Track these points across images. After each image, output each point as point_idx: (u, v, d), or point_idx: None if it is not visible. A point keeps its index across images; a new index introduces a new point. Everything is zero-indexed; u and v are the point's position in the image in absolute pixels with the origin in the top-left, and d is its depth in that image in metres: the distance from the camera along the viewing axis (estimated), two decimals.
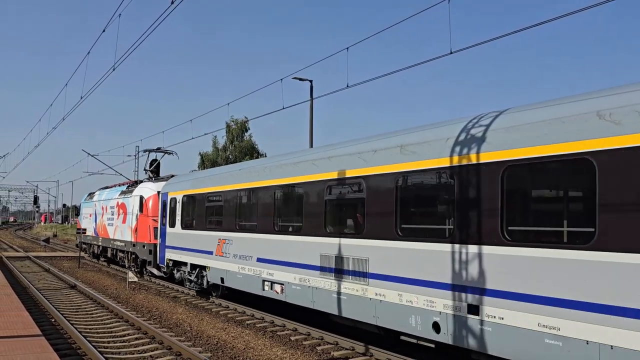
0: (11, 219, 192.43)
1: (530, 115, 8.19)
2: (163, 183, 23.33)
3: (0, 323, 11.83)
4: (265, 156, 47.31)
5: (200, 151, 54.75)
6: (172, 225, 20.19)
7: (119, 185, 31.45)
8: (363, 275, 10.65)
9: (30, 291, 19.70)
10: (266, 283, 13.99)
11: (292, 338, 12.91)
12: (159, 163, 30.63)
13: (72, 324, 13.67)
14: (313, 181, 12.31)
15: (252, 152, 52.34)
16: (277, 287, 13.48)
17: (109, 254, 30.76)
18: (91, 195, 36.43)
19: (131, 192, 26.81)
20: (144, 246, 24.18)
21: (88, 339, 12.27)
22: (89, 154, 46.04)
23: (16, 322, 11.98)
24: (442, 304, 8.94)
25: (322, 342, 12.59)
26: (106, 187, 34.24)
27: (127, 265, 27.15)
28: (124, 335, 13.13)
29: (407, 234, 9.76)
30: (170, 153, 29.73)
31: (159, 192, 23.04)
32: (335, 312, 11.47)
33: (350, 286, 11.00)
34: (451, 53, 10.69)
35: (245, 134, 54.17)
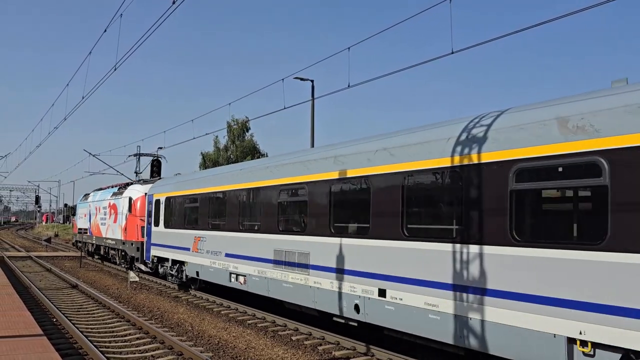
0: (13, 219, 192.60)
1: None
2: (150, 185, 24.96)
3: (2, 323, 11.84)
4: (267, 156, 47.32)
5: (202, 151, 54.83)
6: (157, 224, 22.03)
7: (112, 187, 32.64)
8: (305, 266, 12.64)
9: (31, 291, 19.73)
10: (232, 275, 16.00)
11: (294, 338, 12.91)
12: (160, 162, 30.76)
13: (73, 324, 13.69)
14: (268, 186, 14.36)
15: (253, 152, 52.34)
16: (241, 279, 15.49)
17: (101, 252, 32.19)
18: (86, 196, 37.93)
19: (121, 193, 28.46)
20: (132, 244, 25.91)
21: (89, 338, 12.29)
22: (90, 153, 46.09)
23: (18, 322, 11.99)
24: (360, 289, 10.93)
25: (323, 342, 12.59)
26: (100, 189, 35.42)
27: (117, 262, 28.98)
28: (126, 335, 13.15)
29: (338, 231, 11.74)
30: (157, 157, 32.31)
31: (146, 194, 24.46)
32: (285, 299, 13.49)
33: (295, 276, 13.00)
34: (452, 53, 10.67)
35: (247, 133, 54.20)
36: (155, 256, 22.49)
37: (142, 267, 25.01)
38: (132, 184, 29.35)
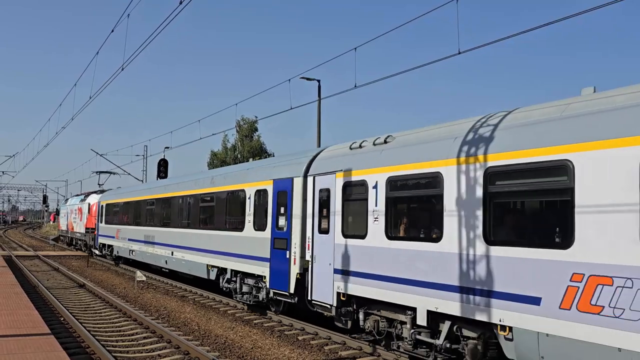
0: (21, 218, 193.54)
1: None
2: (101, 195, 36.38)
3: (10, 321, 11.91)
4: (274, 155, 47.36)
5: (212, 149, 55.15)
6: (101, 222, 33.53)
7: (80, 195, 45.90)
8: (154, 243, 23.64)
9: (39, 290, 19.83)
10: (130, 251, 27.14)
11: (300, 338, 12.92)
12: (166, 162, 31.28)
13: (81, 323, 13.75)
14: (145, 199, 25.75)
15: (260, 152, 52.39)
16: (133, 252, 26.56)
17: (73, 242, 45.52)
18: (66, 201, 52.58)
19: (85, 200, 40.54)
20: (90, 236, 37.47)
21: (97, 337, 12.34)
22: (97, 153, 46.32)
23: (26, 321, 12.06)
24: (169, 252, 21.77)
25: (329, 341, 12.59)
26: (76, 195, 48.73)
27: (82, 249, 41.13)
28: (133, 334, 13.19)
29: (185, 225, 20.50)
30: (115, 173, 45.36)
31: (98, 201, 35.43)
32: (147, 261, 24.93)
33: (154, 249, 23.68)
34: (459, 53, 10.64)
35: (255, 134, 54.29)
36: (101, 243, 33.37)
37: (97, 252, 34.88)
38: (92, 193, 40.67)
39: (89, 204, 38.01)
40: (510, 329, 8.08)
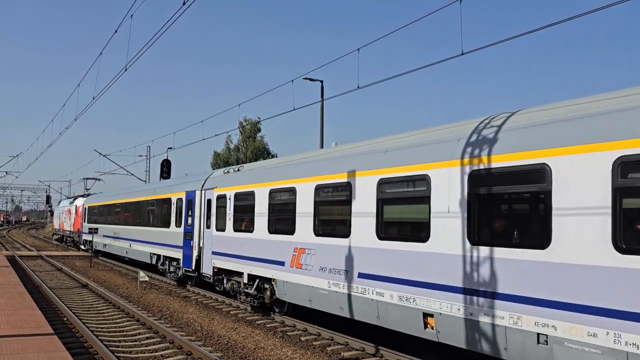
0: (24, 219, 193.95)
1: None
2: (85, 198, 43.69)
3: (13, 321, 11.93)
4: (277, 156, 47.37)
5: (215, 150, 55.20)
6: (85, 221, 40.65)
7: (71, 198, 53.55)
8: (119, 238, 30.29)
9: (42, 290, 19.86)
10: (104, 244, 34.12)
11: (302, 338, 12.91)
12: (169, 163, 31.40)
13: (84, 323, 13.77)
14: (113, 203, 32.82)
15: (263, 153, 52.38)
16: (107, 246, 33.23)
17: (64, 239, 51.85)
18: (59, 203, 59.32)
19: (73, 203, 46.94)
20: (77, 234, 44.00)
21: (100, 337, 12.35)
22: (100, 153, 46.40)
23: (29, 321, 12.08)
24: (129, 244, 28.47)
25: (332, 342, 12.58)
26: (67, 198, 56.10)
27: (71, 245, 47.49)
28: (135, 335, 13.20)
29: (137, 223, 26.83)
30: (100, 180, 56.55)
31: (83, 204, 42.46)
32: (115, 252, 31.58)
33: (119, 243, 30.28)
34: (462, 54, 10.62)
35: (258, 134, 54.29)
36: (85, 239, 40.21)
37: (82, 247, 41.27)
38: (79, 197, 47.10)
39: (76, 206, 44.81)
40: (275, 280, 14.22)
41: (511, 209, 8.76)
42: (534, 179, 7.91)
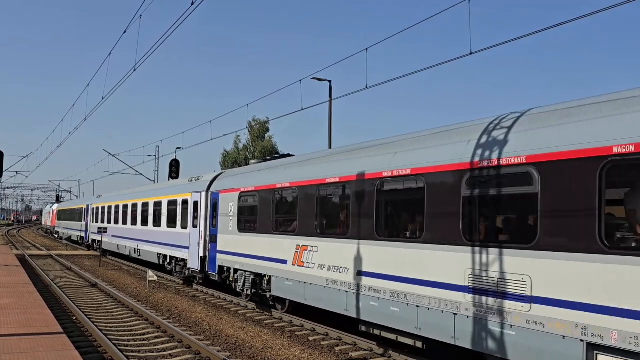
0: (34, 218, 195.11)
1: None
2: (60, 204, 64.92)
3: (23, 320, 12.00)
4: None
5: (225, 148, 55.53)
6: (58, 219, 60.31)
7: (54, 203, 74.32)
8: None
9: (52, 289, 19.98)
10: (63, 233, 56.35)
11: (311, 338, 12.92)
12: (178, 163, 31.62)
13: (93, 322, 13.84)
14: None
15: (272, 153, 52.47)
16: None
17: (47, 231, 72.19)
18: (50, 205, 79.96)
19: (52, 206, 71.70)
20: (54, 229, 64.22)
21: (109, 337, 12.41)
22: (110, 153, 46.69)
23: (38, 320, 12.14)
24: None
25: (340, 342, 12.58)
26: (54, 203, 77.06)
27: (56, 237, 63.06)
28: (144, 334, 13.25)
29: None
30: (70, 192, 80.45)
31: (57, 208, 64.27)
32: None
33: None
34: (471, 54, 10.59)
35: (266, 134, 54.42)
36: (57, 231, 58.88)
37: (56, 235, 57.08)
38: (55, 203, 71.26)
39: (53, 209, 69.61)
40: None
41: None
42: None
